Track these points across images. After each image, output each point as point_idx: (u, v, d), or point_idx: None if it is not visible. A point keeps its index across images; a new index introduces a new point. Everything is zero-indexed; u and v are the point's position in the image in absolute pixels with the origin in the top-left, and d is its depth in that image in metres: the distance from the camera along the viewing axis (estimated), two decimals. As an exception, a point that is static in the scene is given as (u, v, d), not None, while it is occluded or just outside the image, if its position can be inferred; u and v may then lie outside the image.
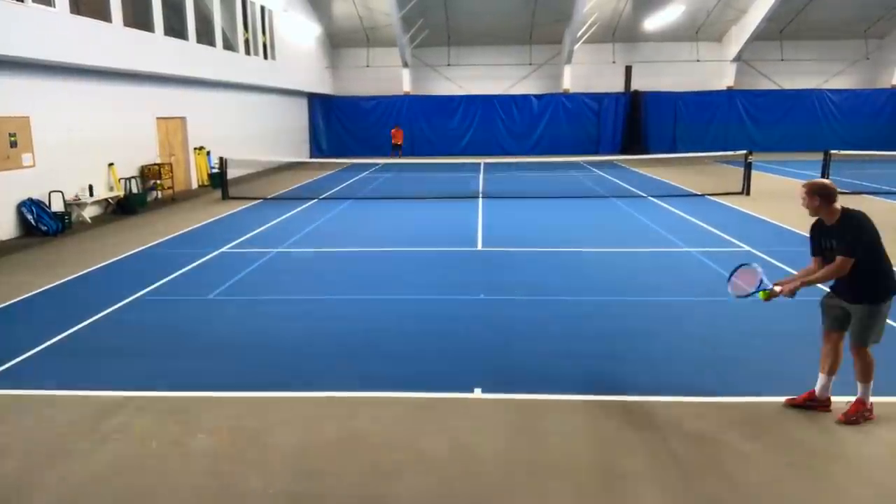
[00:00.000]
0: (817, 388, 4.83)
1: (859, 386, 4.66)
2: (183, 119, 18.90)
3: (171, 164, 17.50)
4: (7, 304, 7.88)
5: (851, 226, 4.43)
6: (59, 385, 5.47)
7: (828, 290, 4.78)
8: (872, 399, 4.74)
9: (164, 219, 14.10)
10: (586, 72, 31.50)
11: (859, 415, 4.64)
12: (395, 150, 29.49)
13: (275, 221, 13.42)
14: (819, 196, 4.48)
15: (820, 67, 31.61)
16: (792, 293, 4.59)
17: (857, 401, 4.68)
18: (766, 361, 5.72)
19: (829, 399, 4.83)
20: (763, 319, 6.67)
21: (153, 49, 15.76)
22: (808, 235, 4.78)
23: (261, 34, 23.05)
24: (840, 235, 4.44)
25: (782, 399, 4.96)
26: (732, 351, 6.03)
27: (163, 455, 4.36)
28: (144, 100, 16.54)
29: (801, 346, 5.42)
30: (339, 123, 32.04)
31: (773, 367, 5.56)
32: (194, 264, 9.70)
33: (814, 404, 4.83)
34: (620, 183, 19.60)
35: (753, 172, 16.87)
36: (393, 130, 29.84)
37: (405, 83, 31.68)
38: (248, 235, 11.94)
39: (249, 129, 23.41)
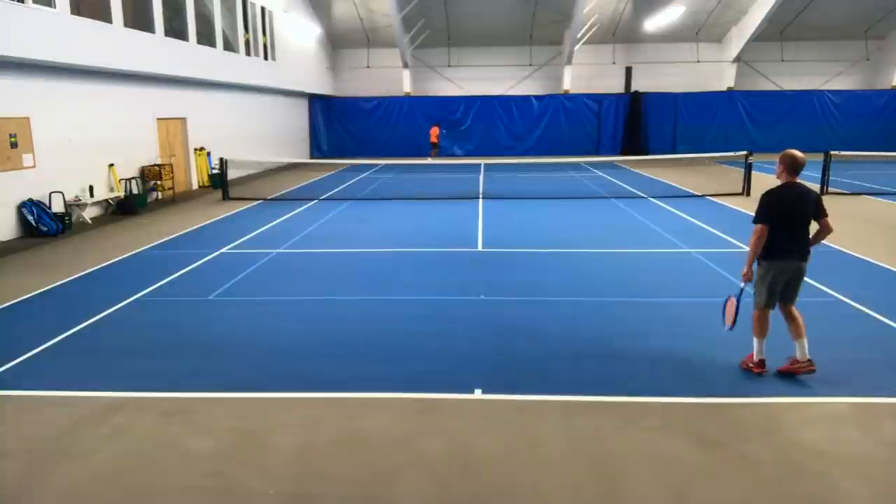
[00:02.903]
0: (798, 355, 5.32)
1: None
2: (183, 120, 18.91)
3: (171, 165, 17.51)
4: (7, 304, 7.88)
5: (765, 195, 5.29)
6: (59, 385, 5.47)
7: (775, 261, 5.24)
8: (870, 399, 4.84)
9: (164, 219, 14.11)
10: (586, 73, 31.53)
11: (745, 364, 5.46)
12: (434, 150, 29.46)
13: (275, 222, 13.43)
14: (783, 165, 5.24)
15: (820, 68, 31.63)
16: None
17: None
18: (766, 362, 5.71)
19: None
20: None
21: (153, 50, 15.77)
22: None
23: (261, 35, 23.07)
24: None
25: (782, 400, 4.98)
26: (732, 351, 6.02)
27: (163, 455, 4.36)
28: (145, 100, 16.55)
29: (801, 347, 5.42)
30: (340, 124, 32.04)
31: (773, 368, 5.55)
32: (195, 265, 9.71)
33: (800, 367, 5.30)
34: (620, 184, 19.61)
35: (754, 173, 16.87)
36: (432, 129, 29.80)
37: (405, 84, 31.69)
38: (248, 236, 11.94)
39: (250, 129, 23.42)
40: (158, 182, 16.68)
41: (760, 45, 30.39)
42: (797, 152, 5.13)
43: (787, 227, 5.12)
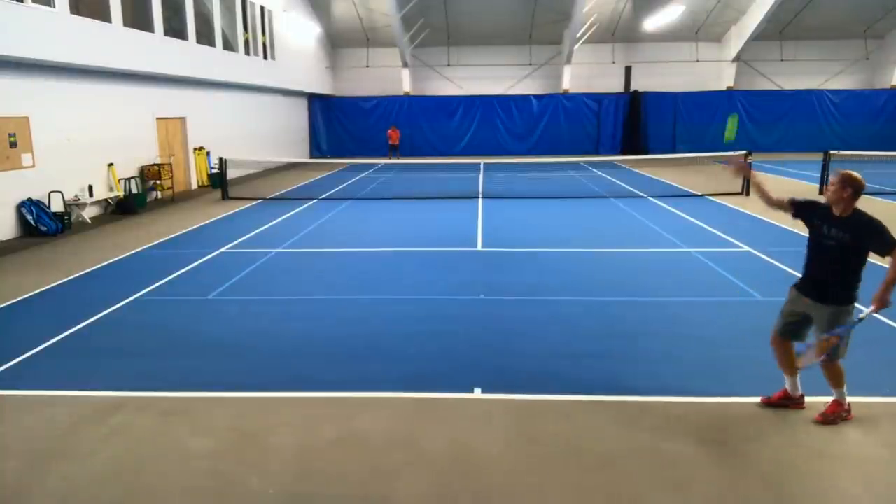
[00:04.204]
0: (788, 388, 4.84)
1: (834, 391, 4.64)
2: (183, 119, 18.90)
3: (170, 165, 17.49)
4: (7, 304, 7.88)
5: (876, 221, 4.32)
6: (59, 385, 5.47)
7: (794, 290, 4.70)
8: (870, 399, 4.77)
9: (163, 219, 14.10)
10: (586, 72, 31.51)
11: (836, 416, 4.62)
12: (393, 151, 29.45)
13: (274, 222, 13.42)
14: (853, 189, 4.34)
15: (819, 68, 31.62)
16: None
17: (833, 402, 4.66)
18: (766, 362, 5.69)
19: (802, 396, 4.83)
20: (763, 319, 6.64)
21: (153, 49, 15.75)
22: (806, 228, 4.70)
23: (261, 34, 23.05)
24: (866, 230, 4.33)
25: (782, 399, 4.96)
26: (732, 351, 6.03)
27: (163, 455, 4.36)
28: (144, 100, 16.54)
29: (801, 347, 5.41)
30: (339, 124, 32.03)
31: (773, 368, 5.55)
32: (194, 264, 9.70)
33: (788, 402, 4.84)
34: (620, 183, 19.61)
35: (753, 173, 16.83)
36: (389, 131, 29.74)
37: (405, 83, 31.68)
38: (247, 236, 11.94)
39: (249, 129, 23.41)
40: (158, 181, 16.67)
41: (760, 44, 30.39)
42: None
43: None
